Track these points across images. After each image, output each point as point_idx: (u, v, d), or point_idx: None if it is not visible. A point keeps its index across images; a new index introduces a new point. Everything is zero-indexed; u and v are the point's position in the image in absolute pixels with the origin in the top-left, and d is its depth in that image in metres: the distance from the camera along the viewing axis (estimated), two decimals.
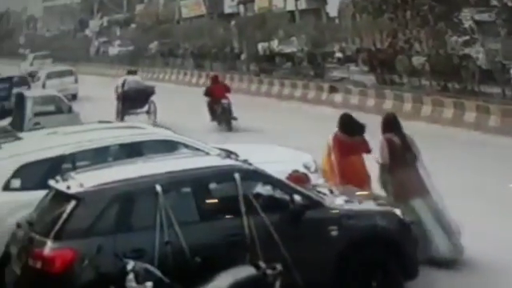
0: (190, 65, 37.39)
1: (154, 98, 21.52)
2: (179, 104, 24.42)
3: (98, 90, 30.89)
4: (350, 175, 8.85)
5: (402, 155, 8.51)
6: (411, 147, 8.60)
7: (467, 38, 21.75)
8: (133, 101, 21.53)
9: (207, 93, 20.79)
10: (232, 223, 6.87)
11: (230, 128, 19.61)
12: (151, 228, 6.59)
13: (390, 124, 8.79)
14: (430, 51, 22.10)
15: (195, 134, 10.73)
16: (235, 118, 19.69)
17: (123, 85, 22.02)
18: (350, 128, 9.16)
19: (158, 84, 35.61)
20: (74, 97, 28.58)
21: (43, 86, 29.46)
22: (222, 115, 19.93)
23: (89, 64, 46.83)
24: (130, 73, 23.78)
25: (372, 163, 8.93)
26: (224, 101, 19.87)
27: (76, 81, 31.72)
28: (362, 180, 8.92)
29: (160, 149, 8.69)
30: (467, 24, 21.87)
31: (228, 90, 20.73)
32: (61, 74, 31.91)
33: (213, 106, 20.27)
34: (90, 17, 63.20)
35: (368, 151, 9.13)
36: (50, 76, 31.83)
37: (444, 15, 21.56)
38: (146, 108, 21.60)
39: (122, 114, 21.31)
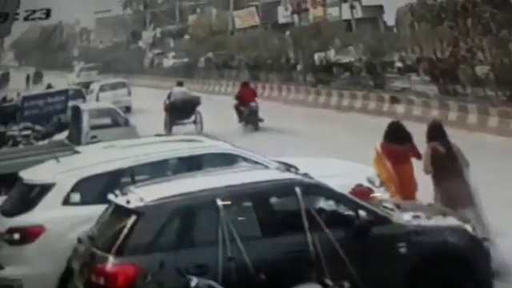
0: (245, 76, 37.55)
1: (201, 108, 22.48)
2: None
3: (152, 103, 31.00)
4: (402, 184, 8.94)
5: (447, 165, 8.46)
6: (457, 157, 8.52)
7: None
8: (180, 111, 22.61)
9: (237, 97, 22.84)
10: (295, 239, 6.83)
11: (256, 128, 21.66)
12: (213, 243, 6.61)
13: (435, 132, 8.76)
14: (493, 60, 21.66)
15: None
16: (262, 120, 21.85)
17: (170, 96, 23.23)
18: (398, 136, 9.22)
19: (213, 97, 36.15)
20: (127, 109, 28.99)
21: (97, 99, 30.03)
22: (249, 117, 21.98)
23: (143, 76, 47.46)
24: (178, 84, 24.87)
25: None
26: (252, 104, 22.08)
27: (129, 93, 32.22)
28: (412, 189, 8.96)
29: (218, 162, 8.74)
30: None
31: (255, 94, 23.18)
32: (114, 87, 32.63)
33: (240, 109, 22.29)
34: (142, 28, 64.06)
35: (418, 156, 9.12)
36: (103, 88, 32.41)
37: (506, 22, 21.13)
38: (192, 118, 22.60)
39: (169, 124, 22.32)
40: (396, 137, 9.23)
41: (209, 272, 6.39)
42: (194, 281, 5.98)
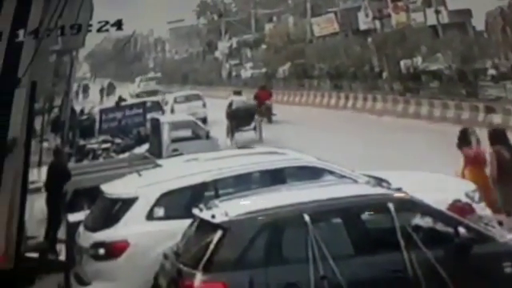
0: (326, 86, 37.43)
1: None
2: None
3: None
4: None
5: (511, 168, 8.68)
6: None
7: None
8: (240, 119, 24.87)
9: (255, 97, 29.36)
10: (391, 258, 6.75)
11: (270, 120, 28.38)
12: (303, 261, 6.58)
13: (499, 137, 9.20)
14: None
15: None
16: (275, 114, 29.27)
17: (231, 105, 25.68)
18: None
19: (293, 108, 36.07)
20: (203, 121, 29.41)
21: (172, 111, 30.53)
22: (265, 112, 28.25)
23: (221, 88, 47.86)
24: (236, 93, 28.04)
25: None
26: (268, 102, 29.58)
27: (204, 105, 32.72)
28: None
29: (303, 176, 8.75)
30: None
31: (271, 94, 30.99)
32: (189, 98, 33.32)
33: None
34: (218, 38, 64.74)
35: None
36: (177, 100, 32.93)
37: None
38: (252, 125, 24.78)
39: (231, 131, 24.35)
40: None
41: None
42: None
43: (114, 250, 8.22)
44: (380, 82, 33.22)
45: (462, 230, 6.96)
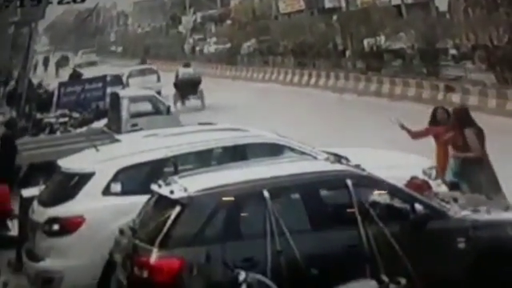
0: (290, 63, 37.55)
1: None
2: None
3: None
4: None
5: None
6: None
7: None
8: (185, 88, 28.38)
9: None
10: (348, 233, 6.85)
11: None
12: (261, 236, 6.64)
13: (465, 118, 9.69)
14: None
15: None
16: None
17: (177, 76, 29.13)
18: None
19: (257, 84, 36.22)
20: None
21: (126, 85, 30.54)
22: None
23: (184, 62, 47.67)
24: (185, 65, 30.80)
25: None
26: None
27: (159, 79, 33.51)
28: None
29: (264, 152, 8.80)
30: None
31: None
32: (143, 73, 34.03)
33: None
34: (182, 12, 64.38)
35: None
36: (132, 74, 33.14)
37: None
38: (197, 94, 28.31)
39: (178, 99, 27.90)
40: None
41: (257, 266, 6.43)
42: (242, 275, 6.01)
43: (69, 226, 8.17)
44: (343, 60, 33.48)
45: (418, 206, 7.07)
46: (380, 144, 12.43)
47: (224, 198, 6.89)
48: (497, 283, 6.98)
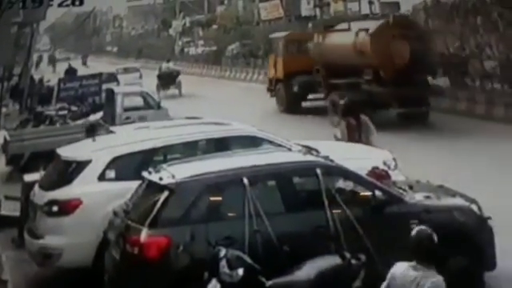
0: None
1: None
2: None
3: (190, 89, 32.33)
4: None
5: (358, 133, 10.55)
6: (366, 127, 10.60)
7: None
8: (165, 79, 32.41)
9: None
10: (316, 215, 6.98)
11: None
12: (240, 218, 6.75)
13: (348, 110, 11.00)
14: (500, 55, 21.77)
15: None
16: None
17: (160, 69, 33.49)
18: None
19: (240, 83, 36.36)
20: None
21: None
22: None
23: (174, 63, 47.67)
24: (167, 61, 35.19)
25: None
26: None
27: (141, 76, 35.20)
28: None
29: (245, 144, 8.87)
30: None
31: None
32: (127, 71, 35.65)
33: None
34: (172, 17, 64.11)
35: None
36: (118, 72, 33.56)
37: None
38: (175, 85, 32.21)
39: (160, 88, 31.48)
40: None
41: (236, 243, 6.52)
42: (223, 251, 6.10)
43: (67, 208, 8.22)
44: None
45: (378, 192, 7.25)
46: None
47: (208, 184, 6.96)
48: (442, 261, 7.14)
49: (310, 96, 23.84)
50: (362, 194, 7.25)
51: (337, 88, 20.97)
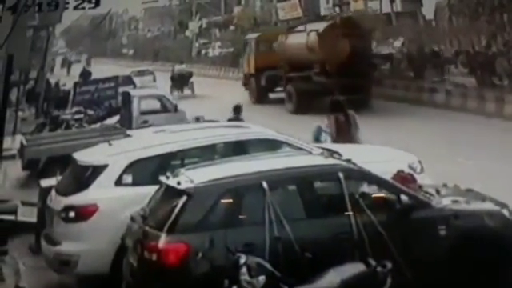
0: None
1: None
2: None
3: (204, 91, 32.45)
4: None
5: (345, 129, 11.08)
6: (353, 123, 11.15)
7: None
8: (178, 80, 33.69)
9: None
10: (339, 221, 6.89)
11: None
12: (260, 223, 6.67)
13: (336, 106, 11.46)
14: None
15: None
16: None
17: (173, 71, 34.87)
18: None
19: None
20: None
21: None
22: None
23: (191, 65, 47.80)
24: (180, 63, 36.79)
25: None
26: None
27: (154, 79, 36.23)
28: None
29: (264, 147, 8.81)
30: None
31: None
32: (141, 73, 36.35)
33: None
34: (189, 18, 64.30)
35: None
36: (132, 74, 33.64)
37: None
38: (189, 86, 33.44)
39: (174, 89, 32.39)
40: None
41: (256, 250, 6.44)
42: (243, 258, 6.02)
43: (84, 213, 8.19)
44: None
45: (403, 197, 7.13)
46: (370, 139, 12.54)
47: (227, 189, 6.91)
48: (473, 266, 7.06)
49: (278, 88, 27.60)
50: (386, 198, 7.15)
51: (293, 80, 25.07)
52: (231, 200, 6.88)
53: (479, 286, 7.07)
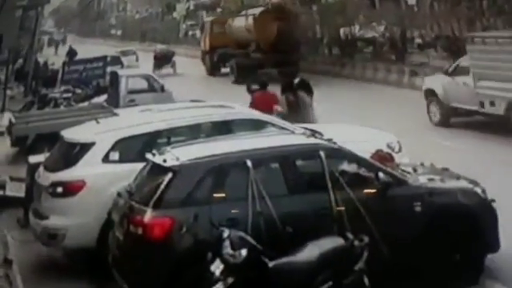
0: None
1: None
2: None
3: (185, 70, 32.58)
4: None
5: (296, 107, 11.96)
6: (303, 101, 12.09)
7: None
8: (161, 59, 35.69)
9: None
10: (319, 197, 6.96)
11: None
12: (244, 199, 6.73)
13: (286, 87, 12.57)
14: None
15: None
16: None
17: (156, 50, 37.75)
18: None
19: None
20: None
21: None
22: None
23: (178, 46, 47.69)
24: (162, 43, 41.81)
25: None
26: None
27: (137, 59, 37.35)
28: None
29: (248, 127, 8.86)
30: None
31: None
32: (125, 53, 36.95)
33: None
34: (176, 1, 63.84)
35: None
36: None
37: None
38: (170, 64, 35.47)
39: (156, 67, 34.06)
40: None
41: (239, 225, 6.50)
42: (226, 232, 6.07)
43: (71, 189, 8.23)
44: (321, 47, 33.74)
45: (381, 175, 7.21)
46: (350, 119, 12.70)
47: (211, 166, 6.94)
48: (446, 241, 7.17)
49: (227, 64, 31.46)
50: (365, 176, 7.22)
51: (236, 56, 30.18)
52: (216, 177, 6.92)
53: (452, 260, 7.20)
